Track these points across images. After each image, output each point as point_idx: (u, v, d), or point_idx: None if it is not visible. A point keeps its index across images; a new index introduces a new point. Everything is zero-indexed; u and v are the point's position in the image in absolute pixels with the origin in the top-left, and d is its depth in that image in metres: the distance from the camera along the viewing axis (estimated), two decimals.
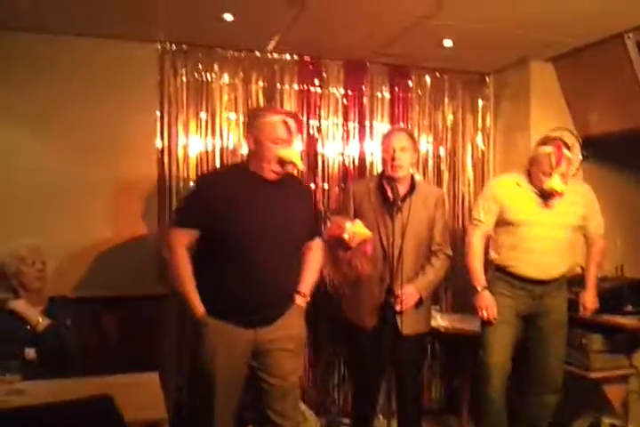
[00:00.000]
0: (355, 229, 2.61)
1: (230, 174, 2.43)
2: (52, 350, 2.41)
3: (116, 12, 2.90)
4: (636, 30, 3.09)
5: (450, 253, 3.01)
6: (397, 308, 2.78)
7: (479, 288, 2.90)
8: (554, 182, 2.75)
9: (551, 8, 2.81)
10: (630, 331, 3.17)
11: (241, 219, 2.27)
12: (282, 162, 2.32)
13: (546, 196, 2.82)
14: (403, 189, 2.89)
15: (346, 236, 2.59)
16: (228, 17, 2.94)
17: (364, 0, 2.77)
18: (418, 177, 3.81)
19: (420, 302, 2.88)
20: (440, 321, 3.42)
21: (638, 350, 3.26)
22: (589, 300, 3.00)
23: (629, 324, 3.14)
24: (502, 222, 2.92)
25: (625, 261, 3.61)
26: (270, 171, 2.34)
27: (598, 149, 3.70)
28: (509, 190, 2.91)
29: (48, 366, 2.33)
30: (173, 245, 2.32)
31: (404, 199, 2.87)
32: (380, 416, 3.30)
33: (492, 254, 2.98)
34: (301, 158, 3.47)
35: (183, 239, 2.31)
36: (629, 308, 3.26)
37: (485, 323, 2.92)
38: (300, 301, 2.47)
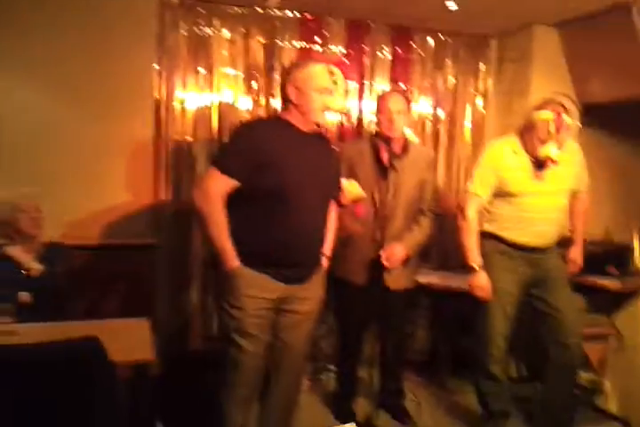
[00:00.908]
0: (349, 187, 2.66)
1: (271, 125, 2.34)
2: (46, 295, 2.49)
3: None
4: None
5: (439, 211, 3.08)
6: (385, 264, 2.87)
7: (476, 267, 2.79)
8: (550, 150, 2.62)
9: None
10: (612, 292, 3.27)
11: (287, 171, 2.22)
12: (326, 113, 2.31)
13: (540, 163, 2.72)
14: (396, 150, 2.92)
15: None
16: None
17: None
18: (414, 139, 3.86)
19: (406, 260, 2.96)
20: (428, 278, 3.50)
21: (619, 311, 3.35)
22: (578, 256, 3.00)
23: (612, 285, 3.26)
24: (500, 193, 2.80)
25: (612, 226, 3.67)
26: (313, 122, 2.30)
27: (596, 117, 3.69)
28: (507, 161, 2.76)
29: (41, 310, 2.41)
30: (212, 192, 2.20)
31: (396, 160, 2.90)
32: (365, 366, 3.43)
33: (487, 225, 2.86)
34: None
35: (222, 188, 2.21)
36: (613, 270, 3.36)
37: (480, 302, 2.83)
38: (325, 262, 2.49)
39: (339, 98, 2.38)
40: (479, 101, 4.06)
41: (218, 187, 2.21)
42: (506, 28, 3.84)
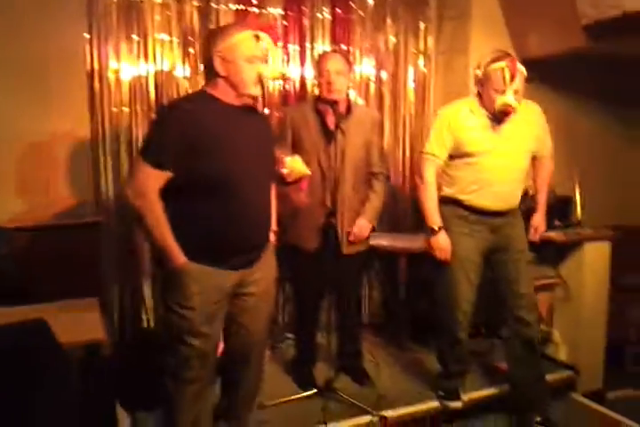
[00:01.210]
0: (293, 165, 2.58)
1: (198, 103, 2.09)
2: None
3: None
4: None
5: (388, 173, 3.12)
6: (351, 239, 2.93)
7: (435, 228, 2.76)
8: (507, 98, 2.56)
9: None
10: (558, 244, 3.38)
11: (225, 154, 2.05)
12: (261, 83, 2.12)
13: (500, 117, 2.66)
14: (339, 112, 2.87)
15: (284, 171, 2.57)
16: None
17: None
18: (359, 100, 3.82)
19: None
20: (379, 240, 3.53)
21: (564, 262, 3.47)
22: (541, 222, 2.97)
23: (557, 237, 3.37)
24: (458, 154, 2.75)
25: (554, 179, 3.76)
26: (246, 95, 2.12)
27: (536, 72, 3.73)
28: (463, 120, 2.71)
29: None
30: (144, 188, 2.01)
31: (340, 123, 2.85)
32: (323, 332, 3.47)
33: (446, 189, 2.81)
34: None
35: (155, 182, 2.01)
36: (557, 222, 3.46)
37: (441, 264, 2.81)
38: (273, 238, 2.40)
39: (271, 65, 2.21)
40: (421, 61, 4.04)
41: (150, 182, 2.02)
42: None
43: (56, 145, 3.22)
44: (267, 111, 3.59)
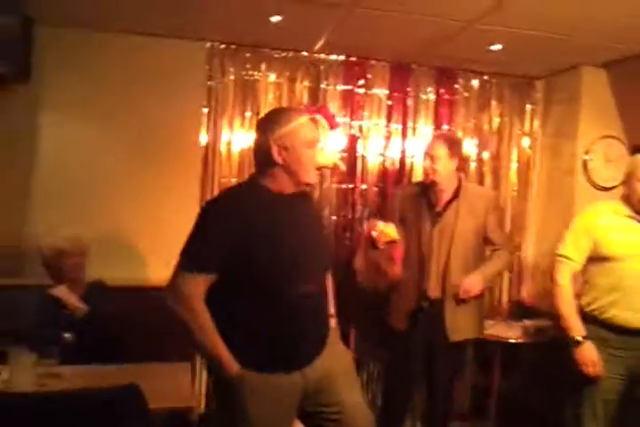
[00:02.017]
0: (383, 229, 2.61)
1: (248, 198, 1.92)
2: (90, 335, 2.50)
3: (167, 11, 2.99)
4: None
5: (512, 250, 2.99)
6: (463, 296, 2.75)
7: (579, 338, 2.43)
8: None
9: (603, 14, 2.75)
10: None
11: (280, 253, 1.87)
12: (320, 168, 2.05)
13: None
14: (447, 194, 2.86)
15: (374, 233, 2.59)
16: (275, 18, 2.99)
17: (411, 4, 2.76)
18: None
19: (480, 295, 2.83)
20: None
21: None
22: None
23: None
24: (597, 258, 2.48)
25: None
26: (304, 183, 1.97)
27: None
28: (604, 220, 2.49)
29: (85, 351, 2.42)
30: (189, 296, 1.82)
31: (448, 205, 2.86)
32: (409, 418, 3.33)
33: (582, 298, 2.53)
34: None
35: (200, 288, 1.83)
36: None
37: (590, 379, 2.45)
38: (334, 322, 2.19)
39: (327, 152, 2.18)
40: (525, 142, 4.00)
41: (194, 288, 1.83)
42: (552, 69, 3.81)
43: (167, 209, 3.42)
44: (364, 186, 3.67)
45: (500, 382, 3.50)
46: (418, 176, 3.77)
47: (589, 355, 2.42)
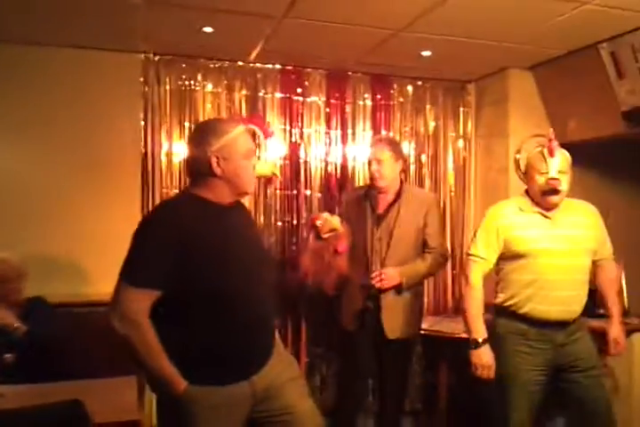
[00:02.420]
0: (327, 218, 2.66)
1: (187, 209, 1.88)
2: (32, 355, 2.46)
3: (100, 24, 2.98)
4: (609, 40, 3.16)
5: (445, 254, 3.06)
6: (376, 285, 2.81)
7: (479, 340, 2.45)
8: (550, 174, 2.40)
9: (527, 21, 2.89)
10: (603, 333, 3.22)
11: (227, 264, 1.86)
12: (258, 178, 2.14)
13: (549, 206, 2.46)
14: (389, 196, 2.94)
15: (318, 222, 2.64)
16: (208, 29, 3.01)
17: (341, 14, 2.83)
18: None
19: (399, 290, 2.87)
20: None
21: None
22: (620, 334, 2.58)
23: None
24: (509, 255, 2.49)
25: None
26: (243, 193, 1.99)
27: (577, 156, 3.76)
28: (512, 218, 2.50)
29: (27, 370, 2.38)
30: (132, 312, 1.75)
31: (389, 208, 2.93)
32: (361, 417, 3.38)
33: (499, 296, 2.53)
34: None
35: (143, 304, 1.76)
36: (601, 311, 3.31)
37: (502, 383, 2.48)
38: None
39: (263, 161, 2.18)
40: (460, 144, 4.14)
41: (137, 305, 1.76)
42: (481, 72, 3.96)
43: (109, 222, 3.38)
44: (308, 193, 3.72)
45: (448, 378, 3.60)
46: (360, 181, 3.87)
47: (485, 358, 2.44)
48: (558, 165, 2.42)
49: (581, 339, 2.49)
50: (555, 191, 2.42)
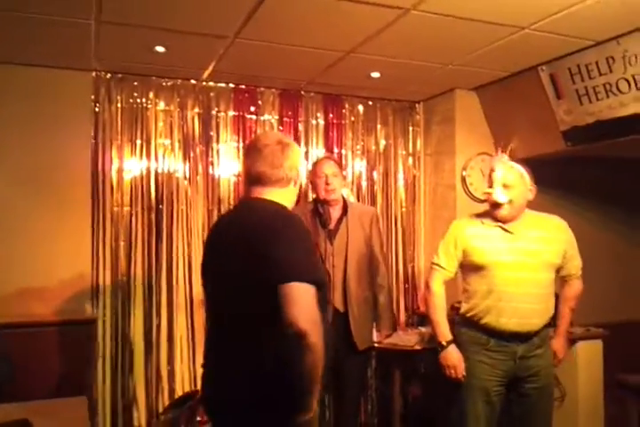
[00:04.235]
0: None
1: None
2: None
3: (49, 42, 2.96)
4: (548, 63, 3.33)
5: (385, 276, 3.18)
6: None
7: (444, 343, 2.56)
8: (487, 189, 2.52)
9: (470, 44, 3.03)
10: None
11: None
12: None
13: (502, 219, 2.52)
14: (337, 211, 3.04)
15: None
16: (160, 49, 3.04)
17: (291, 36, 2.90)
18: (352, 199, 3.98)
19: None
20: (375, 337, 3.51)
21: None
22: (560, 348, 2.67)
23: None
24: (470, 266, 2.58)
25: None
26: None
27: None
28: (472, 230, 2.59)
29: None
30: (317, 313, 1.62)
31: (339, 222, 3.01)
32: None
33: (463, 305, 2.62)
34: None
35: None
36: None
37: (453, 382, 2.56)
38: None
39: None
40: (410, 161, 4.25)
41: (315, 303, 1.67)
42: (429, 93, 4.09)
43: (58, 241, 3.33)
44: None
45: (402, 389, 3.64)
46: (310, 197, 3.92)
47: (451, 359, 2.53)
48: (501, 178, 2.50)
49: (543, 354, 2.53)
50: (496, 205, 2.50)
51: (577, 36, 2.89)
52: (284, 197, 1.91)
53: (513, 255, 2.48)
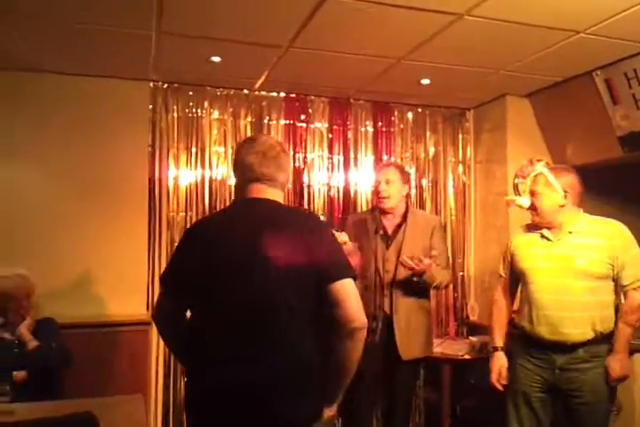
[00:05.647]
0: (336, 233, 2.70)
1: None
2: (41, 371, 2.49)
3: (112, 53, 3.09)
4: (603, 68, 3.27)
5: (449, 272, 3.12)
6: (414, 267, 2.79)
7: (491, 348, 2.67)
8: (515, 197, 2.59)
9: (523, 49, 3.01)
10: None
11: None
12: None
13: (545, 226, 2.51)
14: (396, 219, 3.02)
15: None
16: (216, 59, 3.13)
17: (343, 44, 2.95)
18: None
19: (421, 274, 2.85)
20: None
21: None
22: (615, 365, 2.41)
23: None
24: (516, 274, 2.60)
25: None
26: None
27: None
28: (518, 238, 2.64)
29: (37, 388, 2.41)
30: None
31: (397, 229, 3.00)
32: None
33: (515, 317, 2.65)
34: None
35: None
36: None
37: (495, 389, 2.59)
38: None
39: None
40: (460, 169, 4.23)
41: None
42: (480, 99, 4.07)
43: (117, 246, 3.45)
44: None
45: (451, 399, 3.60)
46: (362, 205, 3.96)
47: (496, 364, 2.59)
48: (532, 187, 2.53)
49: (590, 370, 2.40)
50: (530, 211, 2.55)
51: (633, 39, 2.84)
52: (280, 199, 1.93)
53: (548, 262, 2.46)
